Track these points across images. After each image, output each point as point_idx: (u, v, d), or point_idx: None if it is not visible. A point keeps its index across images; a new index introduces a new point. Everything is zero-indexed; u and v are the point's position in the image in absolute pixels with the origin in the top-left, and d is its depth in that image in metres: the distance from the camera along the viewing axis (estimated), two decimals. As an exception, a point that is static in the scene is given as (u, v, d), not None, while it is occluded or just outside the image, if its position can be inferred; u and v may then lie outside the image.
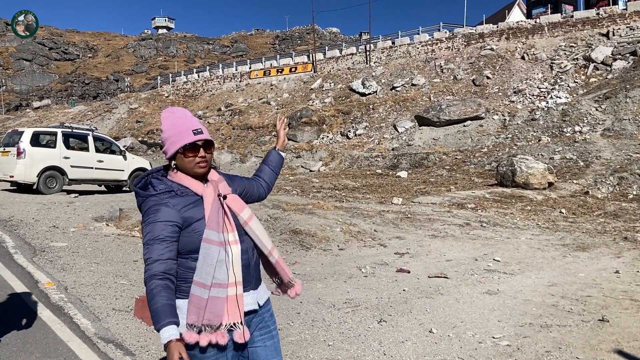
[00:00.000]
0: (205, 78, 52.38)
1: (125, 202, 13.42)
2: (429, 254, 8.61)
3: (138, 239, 9.37)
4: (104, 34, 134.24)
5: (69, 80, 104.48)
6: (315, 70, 43.86)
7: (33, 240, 8.65)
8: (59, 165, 15.95)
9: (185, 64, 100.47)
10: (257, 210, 11.76)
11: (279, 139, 2.83)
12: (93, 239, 9.10)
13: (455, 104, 26.95)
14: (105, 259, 7.65)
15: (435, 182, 18.44)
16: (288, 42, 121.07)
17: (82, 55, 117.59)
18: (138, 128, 44.56)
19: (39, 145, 15.97)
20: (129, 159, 17.84)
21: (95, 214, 11.55)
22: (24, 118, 59.05)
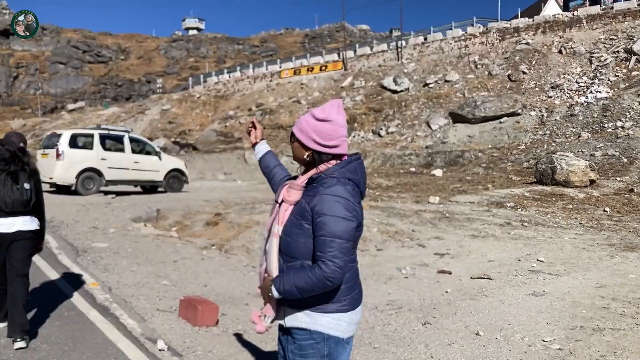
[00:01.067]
0: (236, 78, 52.77)
1: (162, 203, 13.57)
2: (470, 255, 8.44)
3: (176, 240, 9.45)
4: (136, 36, 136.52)
5: (102, 82, 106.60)
6: (345, 68, 43.73)
7: (75, 241, 8.79)
8: (96, 166, 16.24)
9: (216, 65, 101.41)
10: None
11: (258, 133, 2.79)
12: (132, 239, 9.20)
13: (490, 100, 26.51)
14: (145, 260, 7.72)
15: (471, 180, 18.15)
16: (318, 41, 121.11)
17: (114, 57, 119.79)
18: (170, 129, 45.13)
19: (77, 147, 16.28)
20: (164, 160, 18.06)
21: (133, 214, 11.69)
22: (59, 120, 60.47)
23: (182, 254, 8.22)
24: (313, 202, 2.08)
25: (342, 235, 2.03)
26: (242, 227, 9.69)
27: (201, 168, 29.43)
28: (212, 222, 10.39)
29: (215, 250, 8.58)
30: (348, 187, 2.11)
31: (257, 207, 11.85)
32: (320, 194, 2.08)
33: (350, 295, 2.20)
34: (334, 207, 2.04)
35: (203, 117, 46.91)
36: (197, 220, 10.80)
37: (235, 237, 9.10)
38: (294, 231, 2.12)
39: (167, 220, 11.20)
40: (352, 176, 2.17)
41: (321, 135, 2.16)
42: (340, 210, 2.04)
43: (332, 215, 2.03)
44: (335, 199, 2.05)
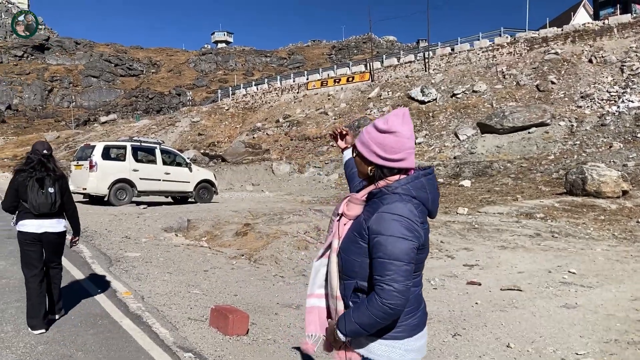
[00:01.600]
0: (264, 90, 53.26)
1: (192, 213, 13.77)
2: (500, 266, 8.36)
3: (206, 249, 9.58)
4: (166, 49, 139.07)
5: (134, 95, 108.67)
6: (372, 79, 43.79)
7: (108, 251, 8.99)
8: (128, 177, 16.56)
9: (244, 77, 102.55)
10: (320, 221, 11.80)
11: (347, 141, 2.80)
12: (164, 249, 9.36)
13: (519, 111, 26.24)
14: (177, 269, 7.85)
15: (500, 191, 17.96)
16: (345, 52, 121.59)
17: (145, 71, 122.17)
18: (200, 140, 45.74)
19: (110, 159, 16.63)
20: (194, 171, 18.32)
21: (164, 224, 11.89)
22: (92, 132, 61.80)
23: (213, 263, 8.34)
24: (370, 220, 1.93)
25: (401, 257, 1.86)
26: (271, 237, 9.78)
27: (230, 179, 29.73)
28: (241, 232, 10.50)
29: (244, 260, 8.67)
30: (410, 205, 1.93)
31: (284, 217, 11.93)
32: (378, 211, 1.93)
33: (407, 321, 2.02)
34: (391, 226, 1.87)
35: (232, 128, 47.44)
36: (227, 231, 10.93)
37: (264, 247, 9.18)
38: (351, 248, 1.99)
39: (197, 230, 11.37)
40: (418, 194, 1.98)
41: (384, 148, 1.99)
42: (399, 230, 1.87)
43: (389, 235, 1.87)
44: (394, 217, 1.89)
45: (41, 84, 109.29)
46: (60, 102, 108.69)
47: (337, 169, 28.21)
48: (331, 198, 19.25)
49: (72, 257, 8.30)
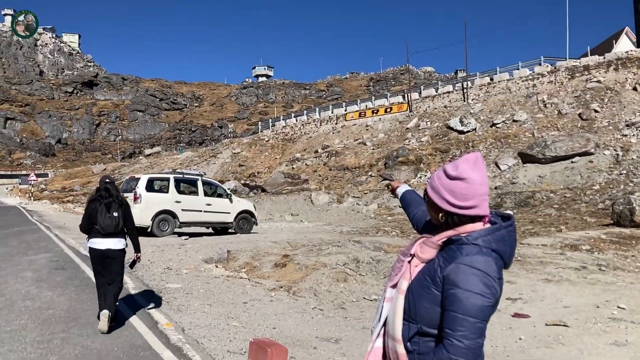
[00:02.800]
0: (303, 122, 53.90)
1: (232, 244, 13.91)
2: (544, 300, 8.13)
3: (246, 281, 9.65)
4: (209, 84, 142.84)
5: (178, 128, 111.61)
6: (410, 109, 43.81)
7: (150, 282, 9.15)
8: (171, 209, 16.90)
9: (283, 109, 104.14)
10: (359, 252, 11.76)
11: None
12: (204, 280, 9.48)
13: (561, 140, 25.75)
14: (216, 301, 7.92)
15: (543, 222, 17.55)
16: (382, 84, 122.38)
17: (189, 104, 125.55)
18: (241, 171, 46.45)
19: (154, 191, 17.04)
20: (234, 202, 18.56)
21: (205, 255, 12.06)
22: (137, 165, 63.52)
23: (252, 295, 8.39)
24: (447, 270, 1.85)
25: (475, 314, 1.77)
26: (310, 268, 9.78)
27: (269, 209, 29.97)
28: (280, 263, 10.55)
29: (283, 292, 8.69)
30: (490, 260, 1.83)
31: (323, 248, 11.94)
32: (456, 261, 1.84)
33: None
34: (470, 280, 1.78)
35: (271, 159, 48.05)
36: (266, 262, 10.99)
37: (302, 279, 9.19)
38: (421, 293, 1.91)
39: (237, 261, 11.47)
40: (498, 246, 1.88)
41: (454, 195, 1.90)
42: (477, 286, 1.78)
43: (466, 289, 1.78)
44: (473, 271, 1.79)
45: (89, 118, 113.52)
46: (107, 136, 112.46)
47: (376, 199, 28.13)
48: (370, 229, 19.16)
49: (116, 288, 8.49)
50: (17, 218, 23.68)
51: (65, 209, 35.34)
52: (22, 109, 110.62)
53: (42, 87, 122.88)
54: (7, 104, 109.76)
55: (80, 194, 48.71)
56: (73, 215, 28.60)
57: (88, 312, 6.98)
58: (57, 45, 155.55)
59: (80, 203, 41.05)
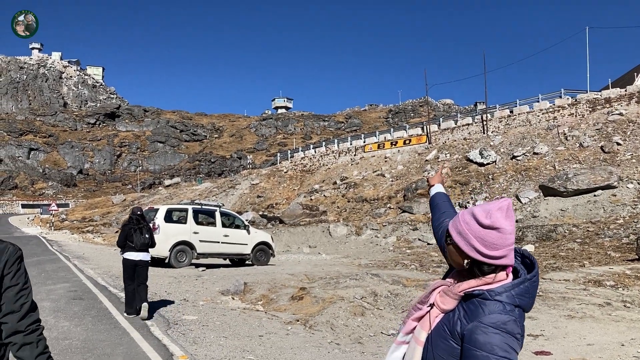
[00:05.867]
0: (321, 153, 54.10)
1: (249, 276, 13.85)
2: (567, 337, 7.91)
3: (262, 313, 9.56)
4: (229, 115, 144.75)
5: (197, 159, 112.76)
6: (429, 141, 43.79)
7: (167, 313, 9.12)
8: (189, 240, 16.93)
9: (302, 141, 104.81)
10: (377, 285, 11.61)
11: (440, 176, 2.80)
12: (220, 312, 9.41)
13: (583, 173, 25.42)
14: (232, 333, 7.85)
15: (566, 256, 17.21)
16: (401, 115, 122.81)
17: (209, 136, 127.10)
18: (259, 202, 46.54)
19: (172, 222, 17.11)
20: (252, 233, 18.54)
21: (221, 287, 12.01)
22: (157, 195, 64.06)
23: (268, 328, 8.30)
24: (468, 328, 1.76)
25: None
26: (327, 302, 9.67)
27: (287, 241, 29.88)
28: (297, 296, 10.45)
29: (299, 325, 8.58)
30: (513, 319, 1.74)
31: (341, 281, 11.82)
32: (478, 320, 1.75)
33: None
34: (493, 342, 1.69)
35: (290, 190, 48.14)
36: (282, 294, 10.90)
37: (319, 313, 9.08)
38: (438, 343, 1.83)
39: (253, 293, 11.40)
40: (521, 301, 1.79)
41: (485, 244, 1.81)
42: (499, 346, 1.69)
43: (488, 352, 1.69)
44: (496, 331, 1.70)
45: (111, 149, 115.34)
46: (128, 167, 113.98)
47: (395, 232, 27.91)
48: (389, 262, 18.97)
49: (132, 320, 8.47)
50: (37, 248, 23.92)
51: (85, 239, 35.64)
52: (46, 139, 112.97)
53: (66, 119, 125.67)
54: (32, 135, 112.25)
55: (100, 224, 49.15)
56: (92, 246, 28.83)
57: (104, 343, 6.96)
58: (82, 77, 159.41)
59: (99, 233, 41.39)
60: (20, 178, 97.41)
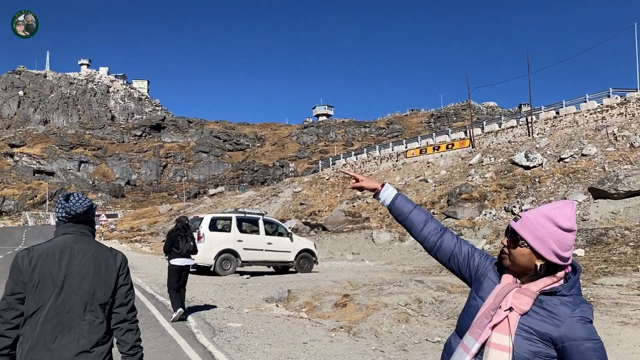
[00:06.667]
0: (363, 159, 54.00)
1: (293, 283, 13.91)
2: (620, 344, 7.62)
3: (306, 321, 9.58)
4: (271, 124, 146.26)
5: (240, 168, 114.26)
6: (473, 145, 43.11)
7: (212, 321, 9.25)
8: (233, 248, 17.14)
9: (344, 147, 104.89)
10: (421, 292, 11.48)
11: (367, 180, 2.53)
12: (265, 319, 9.48)
13: (634, 174, 24.50)
14: (276, 340, 7.89)
15: (618, 260, 16.60)
16: (443, 120, 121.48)
17: (251, 145, 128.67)
18: (301, 210, 46.74)
19: (216, 230, 17.37)
20: (295, 241, 18.63)
21: (265, 294, 12.10)
22: (202, 204, 65.13)
23: (312, 335, 8.30)
24: (564, 324, 1.80)
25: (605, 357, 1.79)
26: (370, 309, 9.62)
27: (330, 248, 29.89)
28: (340, 303, 10.43)
29: (343, 332, 8.56)
30: (590, 306, 1.85)
31: (384, 288, 11.74)
32: (571, 315, 1.81)
33: None
34: (590, 331, 1.79)
35: (332, 197, 48.17)
36: (326, 301, 10.90)
37: (363, 320, 9.04)
38: (524, 346, 1.83)
39: (297, 301, 11.44)
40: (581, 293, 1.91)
41: (562, 246, 1.85)
42: (595, 334, 1.80)
43: (591, 341, 1.78)
44: (588, 322, 1.81)
45: (157, 160, 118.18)
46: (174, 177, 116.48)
47: (439, 238, 27.50)
48: (433, 268, 18.72)
49: (179, 327, 8.63)
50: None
51: (133, 248, 36.55)
52: (95, 152, 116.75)
53: (113, 132, 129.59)
54: (81, 148, 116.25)
55: (147, 234, 50.33)
56: (140, 255, 29.54)
57: (152, 350, 7.10)
58: (128, 91, 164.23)
59: (147, 242, 42.38)
60: (72, 190, 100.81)
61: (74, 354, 2.40)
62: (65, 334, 2.41)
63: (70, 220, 2.61)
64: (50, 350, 2.38)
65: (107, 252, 2.63)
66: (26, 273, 2.43)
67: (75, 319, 2.44)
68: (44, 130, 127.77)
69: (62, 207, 2.61)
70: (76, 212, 2.59)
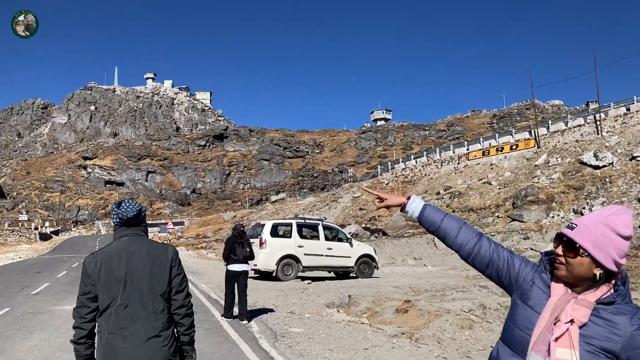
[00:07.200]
0: (423, 163, 53.33)
1: (354, 289, 13.87)
2: None
3: (367, 326, 9.53)
4: (329, 130, 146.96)
5: (300, 175, 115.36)
6: (538, 145, 41.75)
7: (274, 326, 9.35)
8: (294, 253, 17.31)
9: (403, 151, 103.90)
10: (486, 297, 11.18)
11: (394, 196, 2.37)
12: (326, 325, 9.50)
13: None
14: (338, 346, 7.88)
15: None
16: (507, 120, 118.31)
17: (310, 151, 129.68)
18: (361, 215, 46.60)
19: (278, 236, 17.59)
20: (355, 246, 18.59)
21: (326, 300, 12.12)
22: (264, 211, 66.10)
23: (373, 341, 8.25)
24: (627, 334, 1.76)
25: None
26: (433, 315, 9.46)
27: (391, 253, 29.63)
28: (402, 309, 10.32)
29: (405, 338, 8.46)
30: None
31: (447, 294, 11.52)
32: (630, 324, 1.76)
33: None
34: None
35: (392, 202, 47.74)
36: (387, 307, 10.81)
37: (425, 326, 8.90)
38: (587, 358, 1.79)
39: (358, 306, 11.40)
40: None
41: (620, 254, 1.82)
42: None
43: None
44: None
45: (220, 169, 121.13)
46: (237, 185, 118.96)
47: (504, 242, 26.76)
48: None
49: (241, 332, 8.77)
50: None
51: (199, 255, 37.51)
52: (161, 162, 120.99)
53: (179, 142, 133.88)
54: (149, 159, 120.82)
55: (212, 240, 51.53)
56: (205, 261, 30.27)
57: (216, 355, 7.25)
58: (191, 102, 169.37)
59: (212, 249, 43.39)
60: (140, 199, 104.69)
61: (145, 339, 2.73)
62: (135, 323, 2.74)
63: (124, 224, 2.90)
64: (124, 337, 2.71)
65: (159, 247, 2.91)
66: (94, 275, 2.77)
67: (141, 309, 2.77)
68: (114, 143, 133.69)
69: (116, 214, 2.89)
70: (127, 216, 2.87)
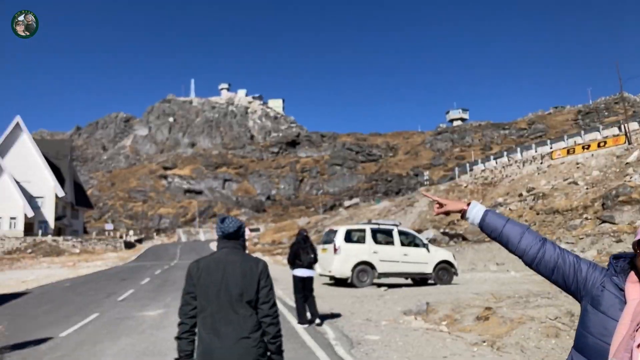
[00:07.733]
0: (503, 164, 51.59)
1: (432, 296, 13.49)
2: None
3: (446, 335, 9.18)
4: (402, 133, 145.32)
5: (374, 179, 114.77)
6: (629, 141, 39.30)
7: (350, 333, 9.20)
8: (369, 259, 17.06)
9: (481, 152, 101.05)
10: (573, 304, 10.51)
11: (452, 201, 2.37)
12: (403, 332, 9.24)
13: None
14: (415, 354, 7.62)
15: None
16: (593, 116, 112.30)
17: (383, 155, 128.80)
18: (439, 220, 45.59)
19: (352, 242, 17.40)
20: (432, 252, 18.11)
21: (403, 307, 11.83)
22: (337, 217, 66.23)
23: (452, 349, 7.92)
24: None
25: None
26: (515, 322, 8.98)
27: (471, 259, 28.73)
28: (482, 316, 9.87)
29: (486, 347, 8.06)
30: None
31: (531, 300, 10.94)
32: None
33: None
34: None
35: (470, 205, 46.46)
36: (467, 314, 10.38)
37: (507, 334, 8.45)
38: None
39: (436, 313, 11.04)
40: None
41: None
42: None
43: None
44: None
45: (293, 175, 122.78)
46: (310, 190, 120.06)
47: (594, 245, 25.29)
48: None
49: (318, 339, 8.68)
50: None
51: (275, 261, 37.99)
52: (237, 170, 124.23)
53: (253, 150, 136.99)
54: (225, 167, 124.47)
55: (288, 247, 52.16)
56: (281, 267, 30.57)
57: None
58: (264, 110, 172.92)
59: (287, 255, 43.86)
60: (218, 207, 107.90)
61: (236, 340, 3.06)
62: (228, 324, 3.09)
63: (225, 237, 3.30)
64: (218, 336, 3.06)
65: (251, 261, 3.27)
66: (195, 278, 3.19)
67: (232, 313, 3.11)
68: (192, 153, 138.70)
69: (220, 228, 3.30)
70: (228, 231, 3.28)
